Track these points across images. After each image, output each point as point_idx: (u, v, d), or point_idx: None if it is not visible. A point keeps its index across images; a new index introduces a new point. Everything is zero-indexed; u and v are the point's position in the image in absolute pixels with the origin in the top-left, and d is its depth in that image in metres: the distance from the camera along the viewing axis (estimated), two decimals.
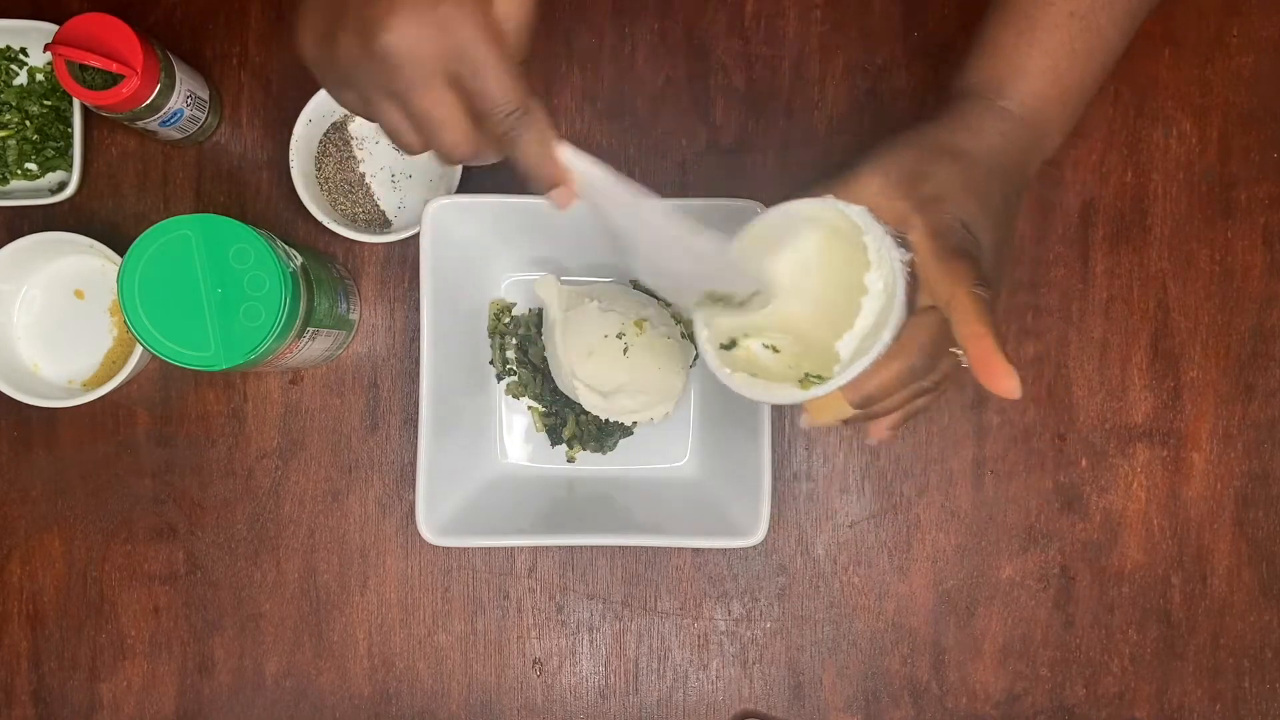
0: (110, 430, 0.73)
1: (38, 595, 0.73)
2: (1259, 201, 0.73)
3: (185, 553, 0.73)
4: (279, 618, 0.73)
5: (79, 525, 0.73)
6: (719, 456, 0.70)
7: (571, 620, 0.73)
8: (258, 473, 0.73)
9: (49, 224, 0.72)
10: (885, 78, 0.74)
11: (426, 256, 0.64)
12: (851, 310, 0.46)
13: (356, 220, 0.73)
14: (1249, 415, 0.73)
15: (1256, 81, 0.74)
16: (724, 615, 0.73)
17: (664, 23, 0.74)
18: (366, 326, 0.74)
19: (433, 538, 0.64)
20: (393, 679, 0.73)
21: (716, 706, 0.73)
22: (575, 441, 0.72)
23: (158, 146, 0.74)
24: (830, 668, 0.73)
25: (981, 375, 0.44)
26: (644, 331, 0.68)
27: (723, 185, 0.73)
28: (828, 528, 0.73)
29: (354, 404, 0.73)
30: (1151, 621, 0.73)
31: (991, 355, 0.43)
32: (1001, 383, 0.43)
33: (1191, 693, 0.73)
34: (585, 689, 0.73)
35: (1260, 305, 0.73)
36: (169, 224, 0.57)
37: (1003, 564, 0.73)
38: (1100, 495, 0.73)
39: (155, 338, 0.57)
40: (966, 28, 0.73)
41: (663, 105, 0.74)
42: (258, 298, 0.57)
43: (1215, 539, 0.73)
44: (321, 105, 0.70)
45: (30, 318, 0.72)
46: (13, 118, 0.72)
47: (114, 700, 0.73)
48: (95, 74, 0.65)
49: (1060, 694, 0.73)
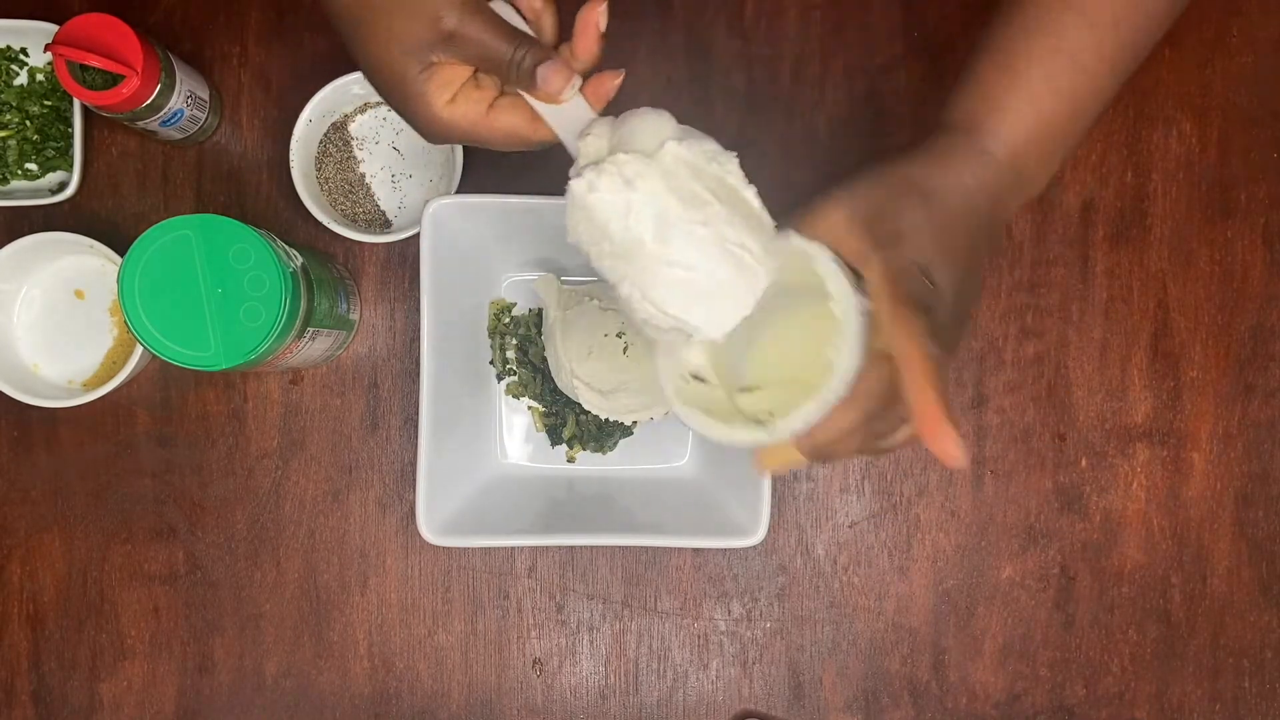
0: (110, 430, 0.73)
1: (38, 595, 0.73)
2: (1259, 201, 0.73)
3: (185, 553, 0.73)
4: (279, 618, 0.73)
5: (79, 525, 0.73)
6: (719, 456, 0.70)
7: (571, 620, 0.73)
8: (258, 473, 0.73)
9: (49, 224, 0.72)
10: (885, 78, 0.74)
11: (426, 256, 0.64)
12: (817, 353, 0.43)
13: (356, 220, 0.73)
14: (1249, 415, 0.73)
15: (1256, 81, 0.74)
16: (724, 615, 0.73)
17: (664, 23, 0.74)
18: (366, 326, 0.74)
19: (433, 538, 0.64)
20: (393, 679, 0.73)
21: (716, 706, 0.73)
22: (575, 441, 0.72)
23: (158, 146, 0.74)
24: (830, 668, 0.73)
25: (925, 438, 0.41)
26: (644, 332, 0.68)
27: None
28: (828, 528, 0.73)
29: (354, 404, 0.73)
30: (1151, 621, 0.73)
31: (937, 420, 0.41)
32: (946, 449, 0.41)
33: (1191, 693, 0.73)
34: (585, 689, 0.73)
35: (1260, 305, 0.73)
36: (169, 224, 0.57)
37: (1003, 564, 0.73)
38: (1100, 495, 0.73)
39: (155, 338, 0.57)
40: (967, 27, 0.73)
41: (663, 105, 0.74)
42: (258, 298, 0.57)
43: (1215, 539, 0.73)
44: (321, 105, 0.70)
45: (30, 318, 0.72)
46: (13, 118, 0.72)
47: (114, 700, 0.73)
48: (95, 74, 0.65)
49: (1060, 694, 0.73)
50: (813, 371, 0.42)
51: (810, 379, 0.42)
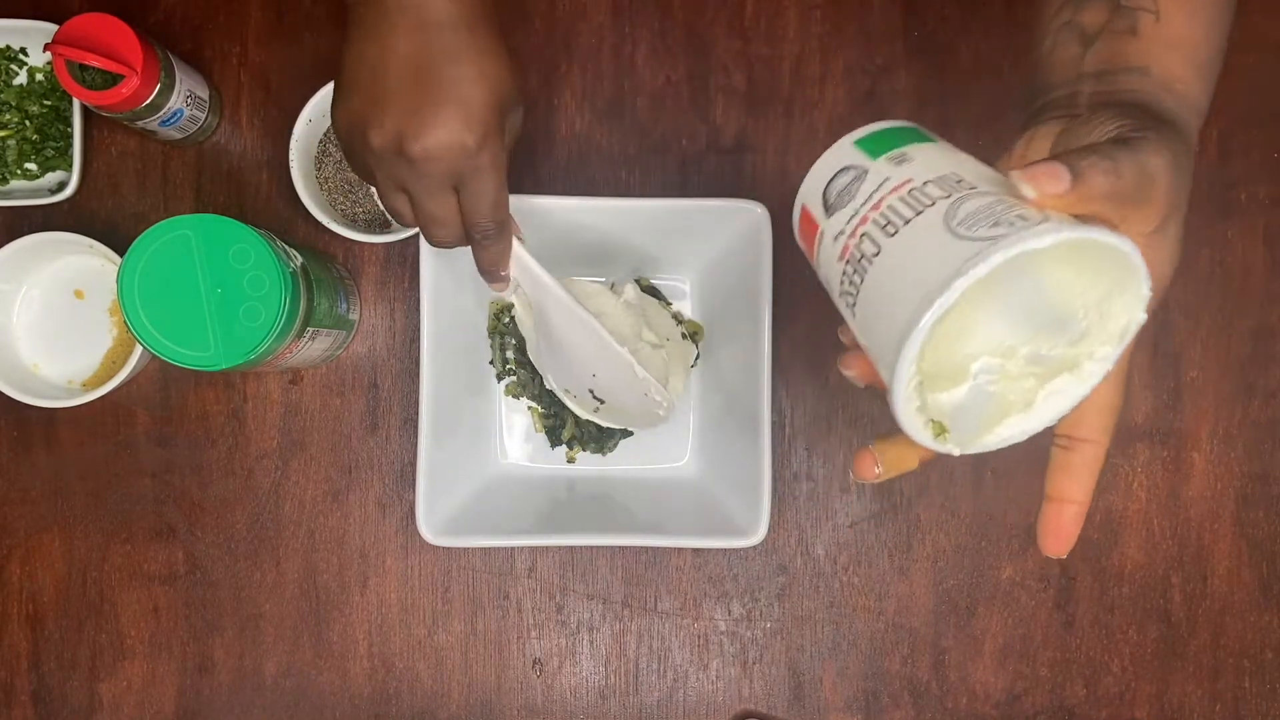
0: (110, 430, 0.73)
1: (38, 595, 0.73)
2: (1259, 201, 0.73)
3: (185, 553, 0.73)
4: (279, 618, 0.73)
5: (79, 525, 0.73)
6: (719, 456, 0.70)
7: (571, 620, 0.73)
8: (258, 473, 0.73)
9: (49, 224, 0.72)
10: (885, 78, 0.74)
11: (426, 256, 0.64)
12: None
13: (356, 220, 0.72)
14: (1249, 415, 0.73)
15: (1257, 81, 0.74)
16: (724, 615, 0.73)
17: (664, 23, 0.74)
18: (366, 326, 0.74)
19: (433, 538, 0.64)
20: (393, 679, 0.73)
21: (716, 707, 0.73)
22: (575, 443, 0.72)
23: (158, 146, 0.74)
24: (830, 668, 0.73)
25: (1046, 532, 0.41)
26: None
27: (723, 185, 0.73)
28: (828, 528, 0.73)
29: (354, 404, 0.73)
30: (1151, 621, 0.73)
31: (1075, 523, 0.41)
32: (1058, 546, 0.41)
33: (1191, 693, 0.73)
34: (585, 689, 0.73)
35: (1260, 305, 0.73)
36: (169, 224, 0.57)
37: (1003, 564, 0.73)
38: (1100, 495, 0.73)
39: (155, 338, 0.57)
40: (967, 27, 0.73)
41: (663, 105, 0.74)
42: (258, 298, 0.57)
43: (1215, 539, 0.73)
44: (321, 105, 0.70)
45: (30, 318, 0.72)
46: (13, 118, 0.72)
47: (114, 700, 0.72)
48: (95, 74, 0.65)
49: (1060, 694, 0.73)
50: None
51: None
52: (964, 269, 0.32)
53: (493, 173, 0.51)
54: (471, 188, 0.51)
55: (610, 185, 0.73)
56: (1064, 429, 0.41)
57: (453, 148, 0.48)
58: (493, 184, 0.51)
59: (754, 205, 0.64)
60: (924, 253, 0.34)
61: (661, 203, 0.66)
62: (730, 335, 0.69)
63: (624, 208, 0.66)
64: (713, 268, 0.70)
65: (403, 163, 0.49)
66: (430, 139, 0.48)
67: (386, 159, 0.49)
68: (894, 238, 0.36)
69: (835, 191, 0.39)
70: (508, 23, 0.74)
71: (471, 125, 0.48)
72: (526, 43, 0.74)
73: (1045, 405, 0.38)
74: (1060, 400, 0.38)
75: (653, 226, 0.67)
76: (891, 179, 0.38)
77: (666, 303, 0.72)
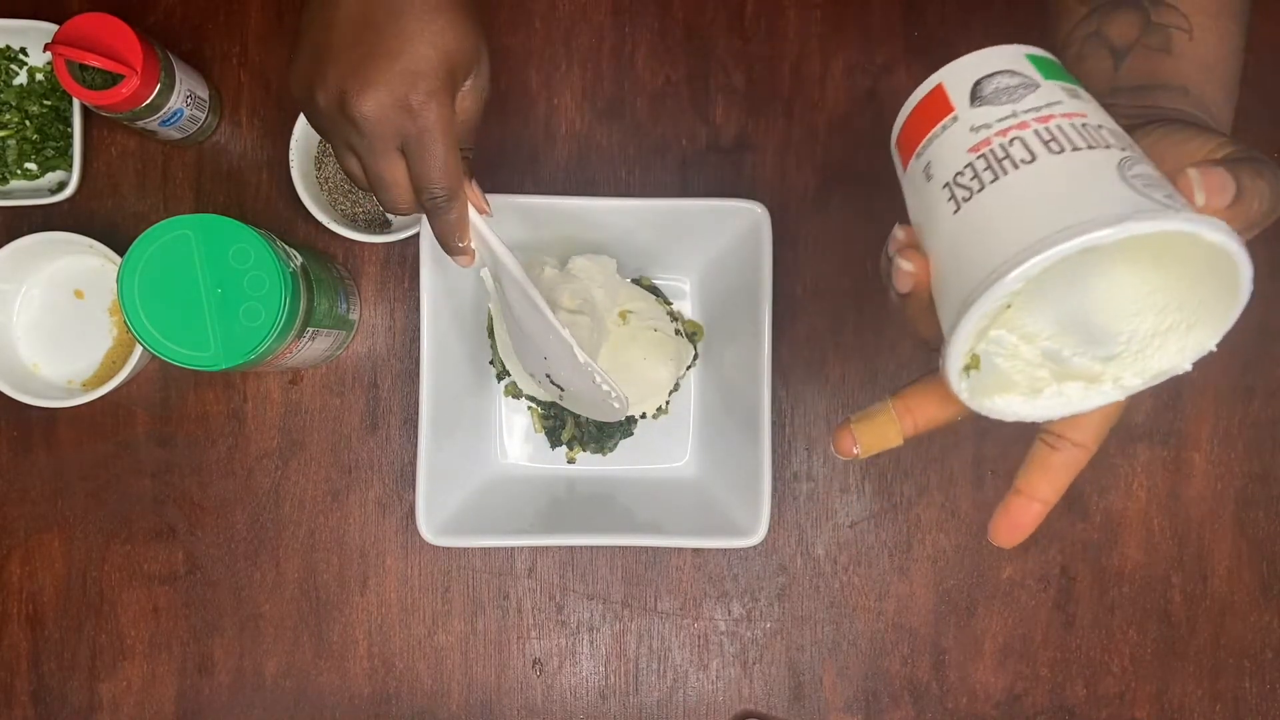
0: (110, 430, 0.73)
1: (37, 595, 0.73)
2: None
3: (185, 553, 0.73)
4: (279, 618, 0.73)
5: (79, 525, 0.73)
6: (719, 456, 0.70)
7: (571, 620, 0.73)
8: (257, 473, 0.73)
9: (49, 224, 0.72)
10: (885, 78, 0.74)
11: (426, 256, 0.64)
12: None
13: (356, 220, 0.72)
14: (1249, 415, 0.73)
15: (1256, 81, 0.74)
16: (724, 615, 0.73)
17: (664, 23, 0.74)
18: (366, 326, 0.74)
19: (433, 538, 0.64)
20: (393, 679, 0.73)
21: (716, 707, 0.73)
22: (575, 443, 0.72)
23: (157, 146, 0.74)
24: (830, 668, 0.73)
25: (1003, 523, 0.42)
26: (627, 323, 0.68)
27: (723, 185, 0.73)
28: (828, 528, 0.73)
29: (354, 404, 0.73)
30: (1151, 621, 0.73)
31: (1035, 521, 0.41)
32: (1010, 539, 0.42)
33: (1191, 693, 0.73)
34: (585, 689, 0.73)
35: (1260, 305, 0.73)
36: (169, 224, 0.57)
37: (1003, 564, 0.73)
38: (1100, 495, 0.73)
39: (155, 338, 0.57)
40: (967, 27, 0.73)
41: (663, 105, 0.74)
42: (258, 298, 0.57)
43: (1215, 539, 0.73)
44: None
45: (30, 318, 0.72)
46: (13, 117, 0.72)
47: (114, 700, 0.72)
48: (95, 74, 0.65)
49: (1060, 694, 0.73)
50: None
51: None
52: (1137, 217, 0.32)
53: (440, 135, 0.48)
54: (416, 150, 0.49)
55: (610, 185, 0.73)
56: (1057, 427, 0.41)
57: (394, 107, 0.47)
58: (440, 146, 0.49)
59: (754, 205, 0.64)
60: (1088, 185, 0.34)
61: (661, 203, 0.66)
62: (730, 335, 0.69)
63: (624, 208, 0.66)
64: (713, 268, 0.70)
65: (345, 122, 0.48)
66: (370, 97, 0.47)
67: (332, 118, 0.48)
68: (1058, 155, 0.35)
69: (993, 87, 0.38)
70: (508, 22, 0.74)
71: (415, 84, 0.47)
72: (527, 43, 0.74)
73: (1048, 401, 0.38)
74: (1064, 403, 0.38)
75: (653, 226, 0.67)
76: (1064, 104, 0.37)
77: (667, 302, 0.72)
